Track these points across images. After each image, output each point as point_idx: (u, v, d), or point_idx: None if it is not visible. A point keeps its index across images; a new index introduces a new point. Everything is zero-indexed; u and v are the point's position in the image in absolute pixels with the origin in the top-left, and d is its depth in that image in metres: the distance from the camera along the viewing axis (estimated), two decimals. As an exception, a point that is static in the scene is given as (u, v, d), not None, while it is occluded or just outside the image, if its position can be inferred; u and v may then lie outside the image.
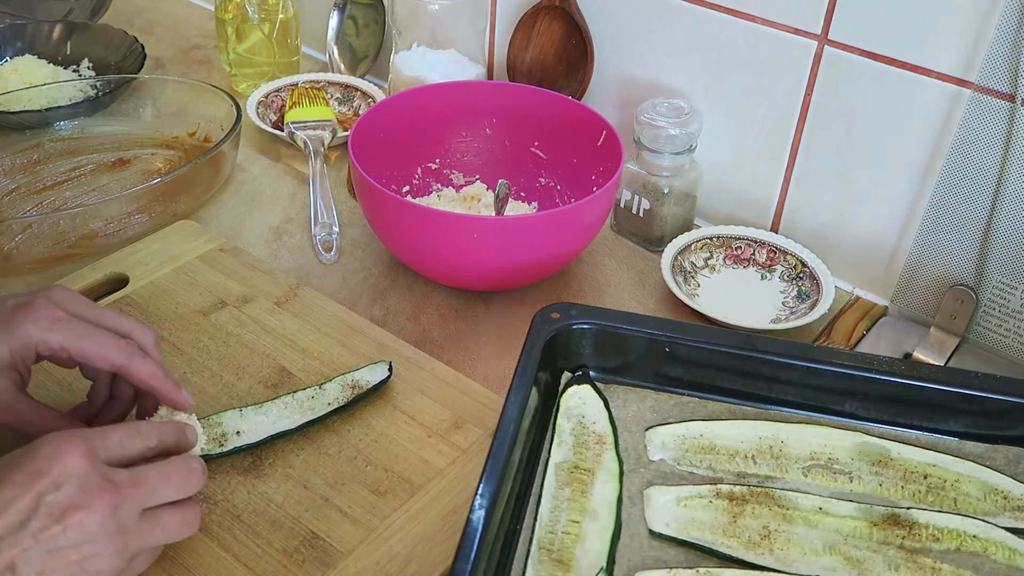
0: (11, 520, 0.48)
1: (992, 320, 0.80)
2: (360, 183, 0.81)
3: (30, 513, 0.48)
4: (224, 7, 1.12)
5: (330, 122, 1.03)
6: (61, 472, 0.49)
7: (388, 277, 0.88)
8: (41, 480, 0.49)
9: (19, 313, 0.58)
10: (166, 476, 0.54)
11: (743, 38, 0.86)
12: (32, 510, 0.48)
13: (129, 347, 0.60)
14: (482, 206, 0.94)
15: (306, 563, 0.59)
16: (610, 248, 0.93)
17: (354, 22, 1.17)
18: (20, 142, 1.01)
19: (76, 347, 0.59)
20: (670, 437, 0.65)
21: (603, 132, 0.88)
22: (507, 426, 0.59)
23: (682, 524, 0.60)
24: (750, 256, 0.89)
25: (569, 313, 0.68)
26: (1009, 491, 0.61)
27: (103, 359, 0.59)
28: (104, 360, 0.59)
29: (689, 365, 0.68)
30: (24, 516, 0.48)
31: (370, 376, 0.71)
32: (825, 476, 0.63)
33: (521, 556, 0.57)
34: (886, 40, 0.78)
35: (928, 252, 0.81)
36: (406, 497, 0.64)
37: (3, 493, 0.48)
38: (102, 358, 0.59)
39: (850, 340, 0.83)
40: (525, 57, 1.01)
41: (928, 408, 0.65)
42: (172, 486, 0.54)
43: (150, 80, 1.08)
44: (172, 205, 0.91)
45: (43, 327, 0.58)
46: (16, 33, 1.17)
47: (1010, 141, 0.73)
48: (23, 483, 0.49)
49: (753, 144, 0.90)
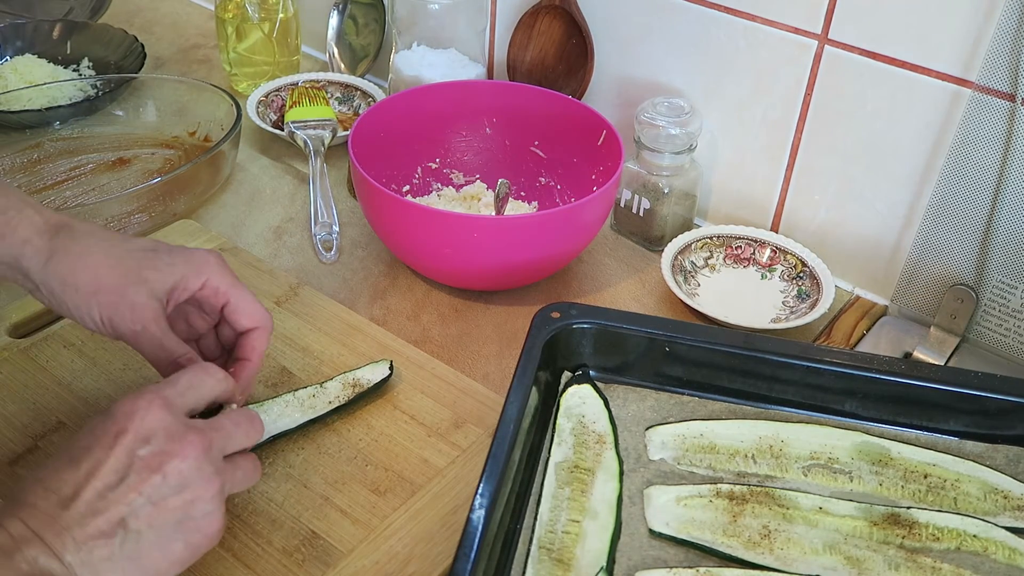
0: (109, 479, 0.49)
1: (992, 320, 0.80)
2: (360, 183, 0.81)
3: (126, 470, 0.49)
4: (224, 6, 1.12)
5: (330, 122, 1.03)
6: (145, 426, 0.50)
7: (388, 277, 0.88)
8: (126, 437, 0.50)
9: (198, 250, 0.62)
10: (236, 423, 0.55)
11: (743, 38, 0.86)
12: (127, 466, 0.49)
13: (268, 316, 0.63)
14: (482, 206, 0.94)
15: (306, 562, 0.59)
16: (610, 248, 0.93)
17: (354, 22, 1.17)
18: (20, 142, 1.01)
19: (236, 296, 0.62)
20: (670, 436, 0.65)
21: (603, 132, 0.88)
22: (507, 426, 0.59)
23: (682, 523, 0.60)
24: (750, 256, 0.89)
25: (569, 313, 0.68)
26: (1009, 490, 0.61)
27: (249, 316, 0.62)
28: (252, 317, 0.62)
29: (689, 365, 0.68)
30: (121, 473, 0.49)
31: (371, 375, 0.71)
32: (825, 476, 0.63)
33: (521, 555, 0.57)
34: (886, 40, 0.78)
35: (928, 252, 0.81)
36: (406, 496, 0.64)
37: (95, 455, 0.49)
38: (251, 315, 0.62)
39: (850, 340, 0.83)
40: (525, 57, 1.01)
41: (928, 408, 0.65)
42: (243, 432, 0.56)
43: (150, 79, 1.08)
44: (172, 205, 0.91)
45: (218, 267, 0.62)
46: (16, 32, 1.17)
47: (1010, 141, 0.73)
48: (109, 444, 0.50)
49: (753, 144, 0.90)
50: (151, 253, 0.60)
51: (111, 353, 0.73)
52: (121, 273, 0.58)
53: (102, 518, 0.48)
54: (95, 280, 0.58)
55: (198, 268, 0.61)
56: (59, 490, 0.49)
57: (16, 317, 0.76)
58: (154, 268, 0.59)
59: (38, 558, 0.46)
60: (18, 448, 0.66)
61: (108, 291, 0.58)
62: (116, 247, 0.60)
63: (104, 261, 0.58)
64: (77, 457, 0.50)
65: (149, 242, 0.61)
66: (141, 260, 0.59)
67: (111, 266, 0.58)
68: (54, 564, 0.46)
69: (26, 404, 0.69)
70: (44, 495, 0.48)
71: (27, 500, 0.48)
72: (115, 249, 0.59)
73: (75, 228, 0.60)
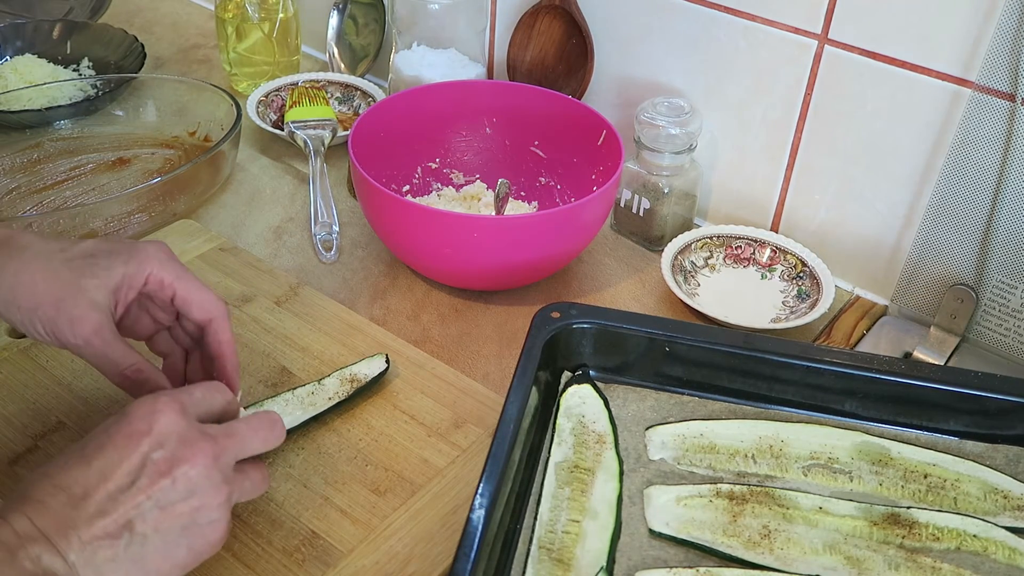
0: (121, 481, 0.49)
1: (992, 319, 0.80)
2: (360, 182, 0.81)
3: (138, 472, 0.49)
4: (224, 6, 1.12)
5: (330, 121, 1.03)
6: (160, 430, 0.51)
7: (388, 277, 0.88)
8: (143, 440, 0.50)
9: (139, 244, 0.61)
10: (254, 428, 0.55)
11: (743, 37, 0.86)
12: (139, 468, 0.49)
13: (223, 305, 0.62)
14: (482, 205, 0.94)
15: (306, 562, 0.59)
16: (610, 248, 0.93)
17: (354, 22, 1.17)
18: (20, 141, 1.01)
19: (183, 287, 0.60)
20: (670, 436, 0.65)
21: (603, 132, 0.88)
22: (507, 426, 0.59)
23: (682, 523, 0.60)
24: (750, 255, 0.89)
25: (569, 312, 0.68)
26: (1009, 490, 0.61)
27: (202, 307, 0.61)
28: (202, 308, 0.61)
29: (689, 364, 0.68)
30: (133, 476, 0.49)
31: (368, 369, 0.71)
32: (825, 475, 0.63)
33: (521, 555, 0.57)
34: (886, 40, 0.78)
35: (928, 251, 0.81)
36: (406, 496, 0.64)
37: (108, 456, 0.49)
38: (201, 305, 0.61)
39: (850, 340, 0.83)
40: (525, 56, 1.01)
41: (928, 407, 0.65)
42: (260, 438, 0.55)
43: (150, 79, 1.08)
44: (172, 204, 0.91)
45: (160, 260, 0.60)
46: (16, 32, 1.17)
47: (1010, 140, 0.73)
48: (125, 445, 0.50)
49: (753, 144, 0.90)
50: (89, 260, 0.59)
51: (111, 353, 0.73)
52: (58, 287, 0.57)
53: (110, 519, 0.48)
54: (32, 296, 0.57)
55: (139, 264, 0.59)
56: (69, 488, 0.48)
57: (16, 317, 0.76)
58: (92, 275, 0.58)
59: (42, 556, 0.46)
60: (18, 448, 0.66)
61: (46, 306, 0.57)
62: (53, 259, 0.58)
63: (40, 276, 0.57)
64: (89, 456, 0.50)
65: (90, 245, 0.60)
66: (79, 269, 0.58)
67: (47, 280, 0.57)
68: (57, 563, 0.46)
69: (26, 404, 0.69)
70: (53, 492, 0.48)
71: (35, 496, 0.48)
72: (52, 262, 0.58)
73: (13, 243, 0.59)
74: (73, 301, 0.57)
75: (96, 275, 0.58)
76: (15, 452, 0.65)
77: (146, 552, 0.49)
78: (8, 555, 0.45)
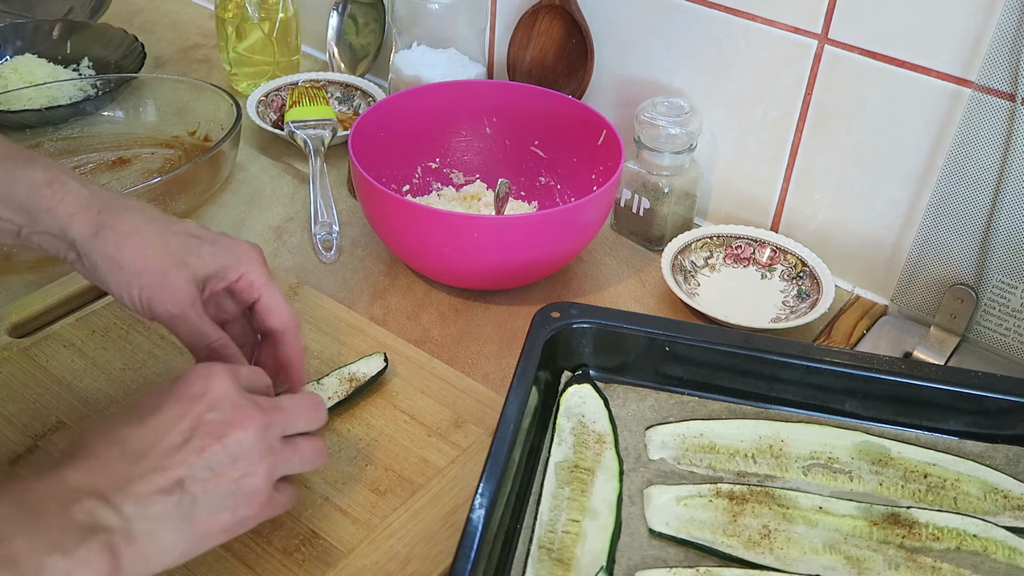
0: (175, 440, 0.50)
1: (992, 319, 0.80)
2: (360, 182, 0.81)
3: (191, 432, 0.50)
4: (224, 6, 1.12)
5: (330, 121, 1.03)
6: (215, 394, 0.52)
7: (388, 276, 0.88)
8: (198, 402, 0.51)
9: (240, 242, 0.63)
10: (300, 406, 0.56)
11: (743, 37, 0.86)
12: (193, 429, 0.51)
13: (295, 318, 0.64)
14: (482, 205, 0.94)
15: (306, 562, 0.59)
16: (610, 247, 0.93)
17: (354, 21, 1.17)
18: (20, 141, 1.01)
19: (268, 294, 0.63)
20: (670, 436, 0.65)
21: (603, 131, 0.88)
22: (507, 425, 0.59)
23: (682, 523, 0.60)
24: (750, 255, 0.89)
25: (569, 312, 0.68)
26: (1009, 490, 0.61)
27: (277, 315, 0.63)
28: (279, 316, 0.63)
29: (689, 364, 0.68)
30: (186, 435, 0.50)
31: (366, 368, 0.71)
32: (825, 475, 0.63)
33: (521, 555, 0.57)
34: (886, 40, 0.78)
35: (928, 251, 0.81)
36: (406, 496, 0.64)
37: (164, 415, 0.51)
38: (280, 316, 0.63)
39: (850, 339, 0.83)
40: (525, 56, 1.01)
41: (928, 407, 0.65)
42: (305, 416, 0.57)
43: (150, 79, 1.08)
44: (172, 204, 0.91)
45: (257, 263, 0.63)
46: (16, 32, 1.17)
47: (1010, 140, 0.73)
48: (181, 405, 0.51)
49: (753, 143, 0.90)
50: (195, 240, 0.61)
51: (111, 353, 0.73)
52: (165, 255, 0.59)
53: (164, 476, 0.49)
54: (139, 260, 0.59)
55: (238, 260, 0.62)
56: (124, 443, 0.49)
57: (16, 317, 0.76)
58: (197, 255, 0.60)
59: (96, 510, 0.46)
60: (18, 448, 0.66)
61: (151, 272, 0.59)
62: (163, 229, 0.60)
63: (150, 242, 0.59)
64: (144, 415, 0.51)
65: (194, 227, 0.62)
66: (185, 244, 0.60)
67: (156, 247, 0.59)
68: (111, 517, 0.47)
69: (26, 404, 0.69)
70: (108, 447, 0.49)
71: (90, 451, 0.49)
72: (161, 231, 0.60)
73: (123, 204, 0.60)
74: (177, 273, 0.59)
75: (202, 256, 0.60)
76: (15, 452, 0.65)
77: (195, 512, 0.50)
78: (62, 509, 0.46)
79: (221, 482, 0.51)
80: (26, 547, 0.43)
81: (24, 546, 0.43)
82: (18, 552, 0.43)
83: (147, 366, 0.73)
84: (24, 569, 0.43)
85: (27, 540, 0.44)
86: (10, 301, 0.78)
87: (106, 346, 0.74)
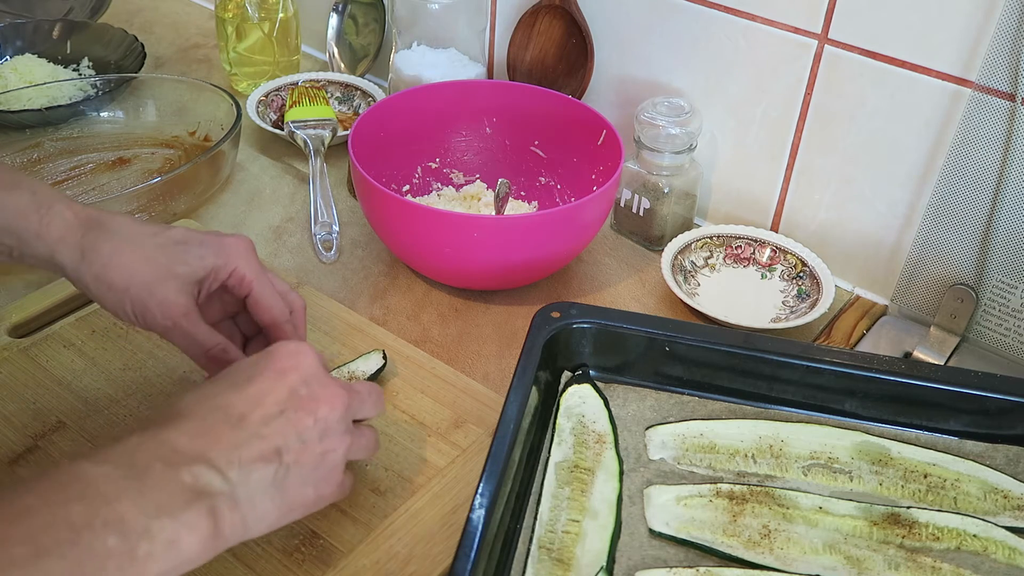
0: (271, 409, 0.51)
1: (992, 319, 0.80)
2: (360, 182, 0.81)
3: (285, 403, 0.51)
4: (224, 6, 1.12)
5: (330, 121, 1.03)
6: (305, 369, 0.53)
7: (388, 276, 0.88)
8: (290, 375, 0.52)
9: (227, 238, 0.63)
10: (368, 391, 0.58)
11: (743, 37, 0.86)
12: (287, 400, 0.51)
13: (289, 309, 0.64)
14: (482, 205, 0.94)
15: (306, 562, 0.59)
16: (610, 247, 0.93)
17: (354, 21, 1.17)
18: (20, 141, 1.01)
19: (257, 287, 0.62)
20: (670, 436, 0.65)
21: (603, 131, 0.88)
22: (507, 425, 0.59)
23: (682, 523, 0.60)
24: (750, 255, 0.89)
25: (569, 312, 0.68)
26: (1009, 490, 0.61)
27: (267, 310, 0.63)
28: (267, 310, 0.63)
29: (689, 364, 0.68)
30: (282, 406, 0.51)
31: (365, 366, 0.71)
32: (825, 475, 0.63)
33: (521, 555, 0.57)
34: (886, 40, 0.78)
35: (928, 251, 0.81)
36: (406, 496, 0.64)
37: (259, 385, 0.51)
38: (267, 308, 0.63)
39: (850, 339, 0.83)
40: (525, 56, 1.01)
41: (928, 407, 0.65)
42: (372, 401, 0.58)
43: (150, 79, 1.08)
44: (172, 204, 0.91)
45: (245, 257, 0.62)
46: (16, 32, 1.17)
47: (1010, 140, 0.73)
48: (274, 378, 0.52)
49: (753, 143, 0.90)
50: (181, 246, 0.61)
51: (111, 353, 0.73)
52: (151, 269, 0.59)
53: (264, 443, 0.49)
54: (126, 277, 0.59)
55: (227, 258, 0.62)
56: (227, 409, 0.50)
57: (16, 317, 0.76)
58: (184, 262, 0.60)
59: (202, 473, 0.47)
60: (18, 448, 0.66)
61: (138, 287, 0.59)
62: (147, 242, 0.60)
63: (134, 258, 0.59)
64: (240, 384, 0.51)
65: (180, 233, 0.62)
66: (171, 254, 0.60)
67: (141, 262, 0.59)
68: (216, 479, 0.47)
69: (26, 404, 0.69)
70: (210, 412, 0.49)
71: (193, 414, 0.49)
72: (146, 244, 0.60)
73: (105, 224, 0.60)
74: (165, 286, 0.59)
75: (187, 263, 0.60)
76: (15, 452, 0.65)
77: (287, 482, 0.50)
78: (169, 469, 0.46)
79: (310, 456, 0.51)
80: (133, 509, 0.43)
81: (131, 508, 0.43)
82: (125, 514, 0.43)
83: (147, 366, 0.73)
84: (131, 531, 0.43)
85: (134, 502, 0.44)
86: (10, 301, 0.78)
87: (106, 346, 0.74)
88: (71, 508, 0.42)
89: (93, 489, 0.43)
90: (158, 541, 0.43)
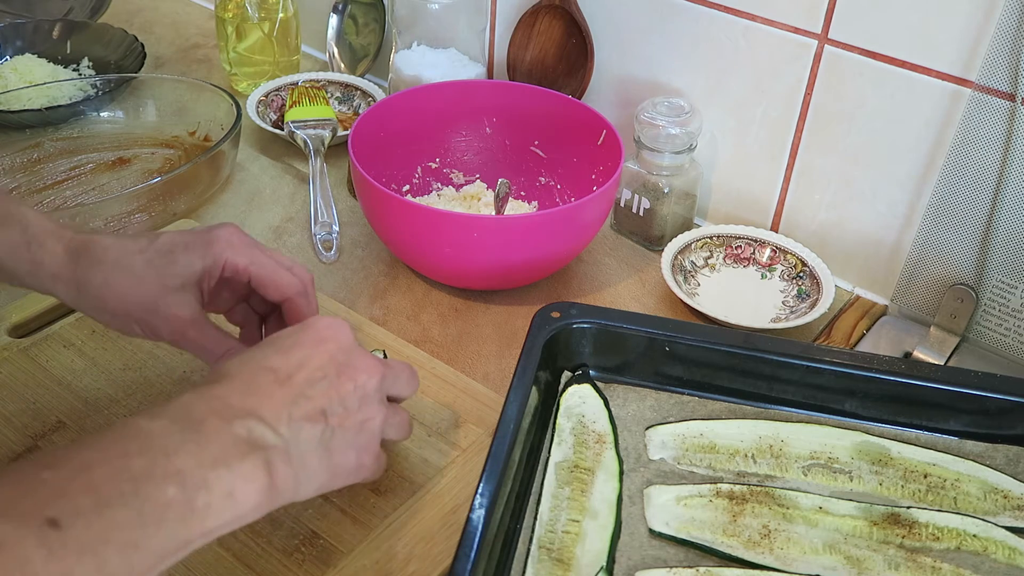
0: (315, 374, 0.52)
1: (992, 319, 0.80)
2: (360, 182, 0.81)
3: (326, 369, 0.53)
4: (224, 6, 1.12)
5: (330, 121, 1.03)
6: (343, 340, 0.54)
7: (388, 276, 0.88)
8: (330, 343, 0.54)
9: (213, 234, 0.62)
10: (402, 367, 0.59)
11: (743, 37, 0.86)
12: (328, 365, 0.53)
13: (300, 282, 0.64)
14: (482, 205, 0.94)
15: (306, 562, 0.59)
16: (610, 247, 0.93)
17: (354, 21, 1.17)
18: (20, 141, 1.01)
19: (256, 271, 0.62)
20: (670, 436, 0.65)
21: (603, 131, 0.88)
22: (507, 425, 0.59)
23: (682, 523, 0.60)
24: (750, 255, 0.89)
25: (569, 312, 0.68)
26: (1009, 490, 0.61)
27: (275, 287, 0.63)
28: (276, 287, 0.63)
29: (689, 364, 0.68)
30: (324, 371, 0.52)
31: None
32: (825, 475, 0.63)
33: (521, 555, 0.57)
34: (886, 40, 0.78)
35: (928, 251, 0.81)
36: (406, 496, 0.64)
37: (302, 351, 0.53)
38: (274, 286, 0.63)
39: (850, 339, 0.83)
40: (525, 56, 1.01)
41: (928, 407, 0.65)
42: (405, 379, 0.59)
43: (150, 79, 1.08)
44: (172, 204, 0.91)
45: (234, 247, 0.62)
46: (16, 32, 1.17)
47: (1010, 140, 0.73)
48: (315, 345, 0.53)
49: (753, 143, 0.90)
50: (168, 257, 0.61)
51: (111, 353, 0.73)
52: (145, 290, 0.60)
53: (310, 403, 0.51)
54: (123, 304, 0.60)
55: (215, 256, 0.62)
56: (274, 371, 0.50)
57: (16, 317, 0.76)
58: (174, 274, 0.60)
59: (255, 427, 0.47)
60: (18, 448, 0.66)
61: (138, 310, 0.60)
62: (134, 261, 0.60)
63: (126, 284, 0.60)
64: (284, 348, 0.52)
65: (166, 241, 0.62)
66: (161, 269, 0.60)
67: (134, 286, 0.60)
68: (270, 435, 0.48)
69: (26, 404, 0.69)
70: (258, 373, 0.50)
71: (241, 374, 0.50)
72: (134, 265, 0.60)
73: (92, 250, 0.60)
74: (164, 302, 0.60)
75: (178, 273, 0.61)
76: (15, 452, 0.65)
77: (332, 444, 0.51)
78: (224, 424, 0.46)
79: (352, 421, 0.53)
80: (191, 462, 0.44)
81: (189, 461, 0.44)
82: (184, 466, 0.43)
83: (147, 366, 0.73)
84: (190, 483, 0.43)
85: (191, 455, 0.44)
86: (10, 301, 0.78)
87: (106, 346, 0.74)
88: (131, 461, 0.42)
89: (151, 443, 0.44)
90: (216, 492, 0.44)
